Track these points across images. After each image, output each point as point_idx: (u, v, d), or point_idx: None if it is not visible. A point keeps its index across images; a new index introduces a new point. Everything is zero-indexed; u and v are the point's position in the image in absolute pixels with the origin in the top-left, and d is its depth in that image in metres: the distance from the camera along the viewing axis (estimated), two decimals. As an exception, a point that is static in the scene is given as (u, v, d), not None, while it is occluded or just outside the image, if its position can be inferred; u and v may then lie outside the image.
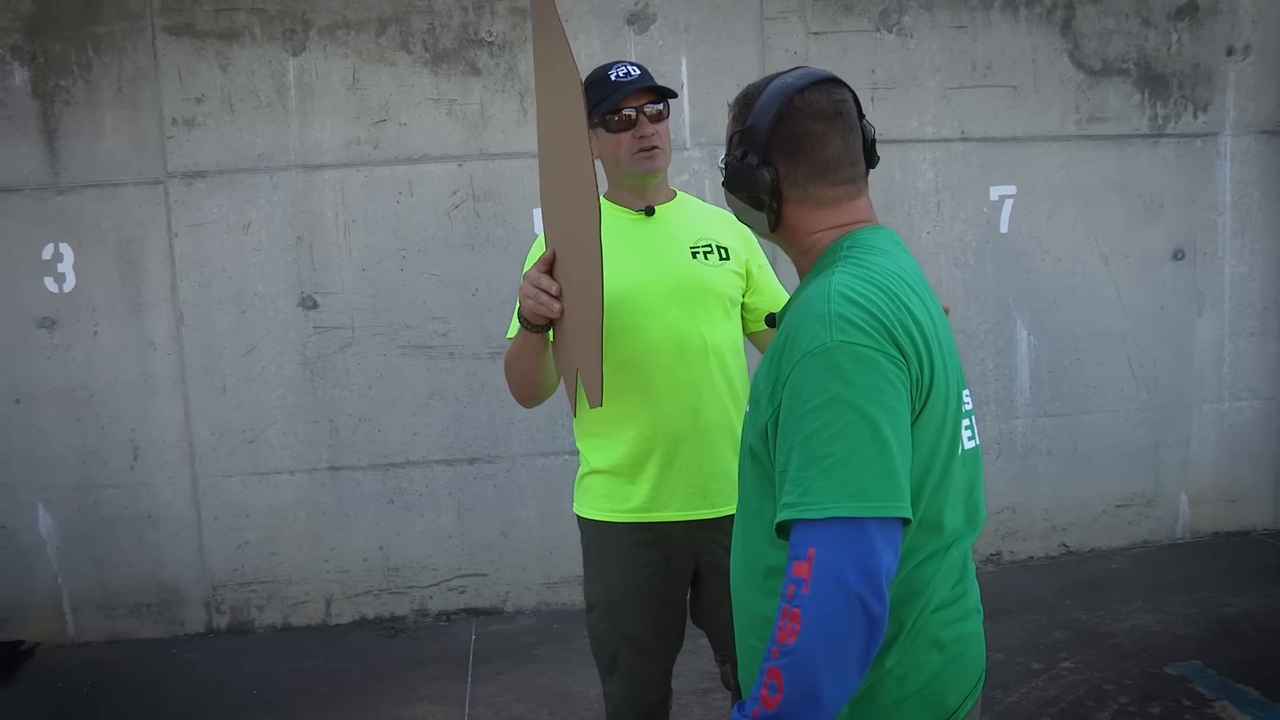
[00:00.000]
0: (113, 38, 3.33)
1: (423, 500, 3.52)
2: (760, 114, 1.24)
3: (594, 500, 1.97)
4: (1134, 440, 3.83)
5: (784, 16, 3.49)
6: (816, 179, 1.24)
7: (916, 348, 1.13)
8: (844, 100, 1.26)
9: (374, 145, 3.39)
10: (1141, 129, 3.73)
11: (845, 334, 1.09)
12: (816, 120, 1.22)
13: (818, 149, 1.23)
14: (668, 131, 1.95)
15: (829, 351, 1.08)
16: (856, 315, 1.10)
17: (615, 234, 1.95)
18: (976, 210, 3.65)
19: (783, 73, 1.27)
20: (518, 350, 1.86)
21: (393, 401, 3.46)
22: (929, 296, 1.24)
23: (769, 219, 1.27)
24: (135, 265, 3.40)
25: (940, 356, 1.17)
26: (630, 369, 1.90)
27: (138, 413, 3.44)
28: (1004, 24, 3.62)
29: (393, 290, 3.43)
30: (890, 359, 1.09)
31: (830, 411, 1.06)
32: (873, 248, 1.23)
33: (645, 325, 1.89)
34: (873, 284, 1.15)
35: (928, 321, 1.17)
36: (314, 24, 3.35)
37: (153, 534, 3.49)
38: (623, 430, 1.92)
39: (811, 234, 1.26)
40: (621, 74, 1.91)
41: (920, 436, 1.12)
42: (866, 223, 1.28)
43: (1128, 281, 3.77)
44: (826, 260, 1.24)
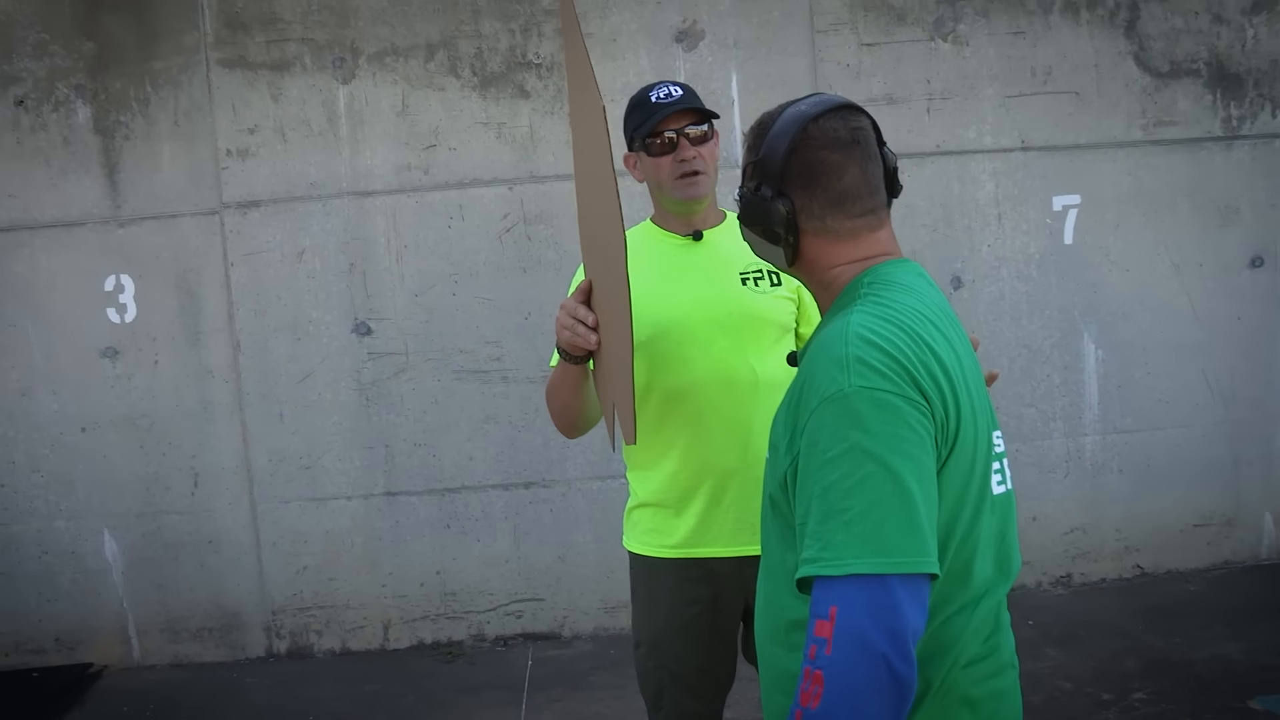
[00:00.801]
0: (169, 72, 3.39)
1: (479, 525, 3.51)
2: (773, 144, 1.18)
3: (641, 534, 1.93)
4: (1211, 457, 3.67)
5: (835, 29, 3.42)
6: (834, 211, 1.18)
7: (941, 390, 1.07)
8: (861, 128, 1.20)
9: (424, 170, 3.40)
10: (1214, 131, 3.58)
11: (863, 379, 1.04)
12: (832, 149, 1.17)
13: (834, 179, 1.17)
14: (713, 153, 1.89)
15: (847, 398, 1.03)
16: (875, 358, 1.05)
17: (661, 260, 1.90)
18: (1039, 221, 3.54)
19: (796, 100, 1.22)
20: (557, 381, 1.82)
21: (447, 426, 3.46)
22: (956, 333, 1.17)
23: (786, 253, 1.22)
24: (193, 295, 3.45)
25: (967, 397, 1.11)
26: (677, 401, 1.85)
27: (197, 440, 3.49)
28: (1064, 28, 3.51)
29: (445, 315, 3.43)
30: (912, 404, 1.04)
31: (849, 462, 1.01)
32: (894, 283, 1.17)
33: (692, 356, 1.84)
34: (893, 323, 1.10)
35: (953, 361, 1.11)
36: (363, 51, 3.37)
37: (214, 559, 3.53)
38: (669, 463, 1.87)
39: (831, 268, 1.21)
40: (662, 95, 1.85)
41: (947, 484, 1.07)
42: (888, 256, 1.22)
43: (1202, 291, 3.62)
44: (846, 297, 1.18)
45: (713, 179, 1.89)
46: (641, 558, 1.93)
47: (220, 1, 3.37)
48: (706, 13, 3.40)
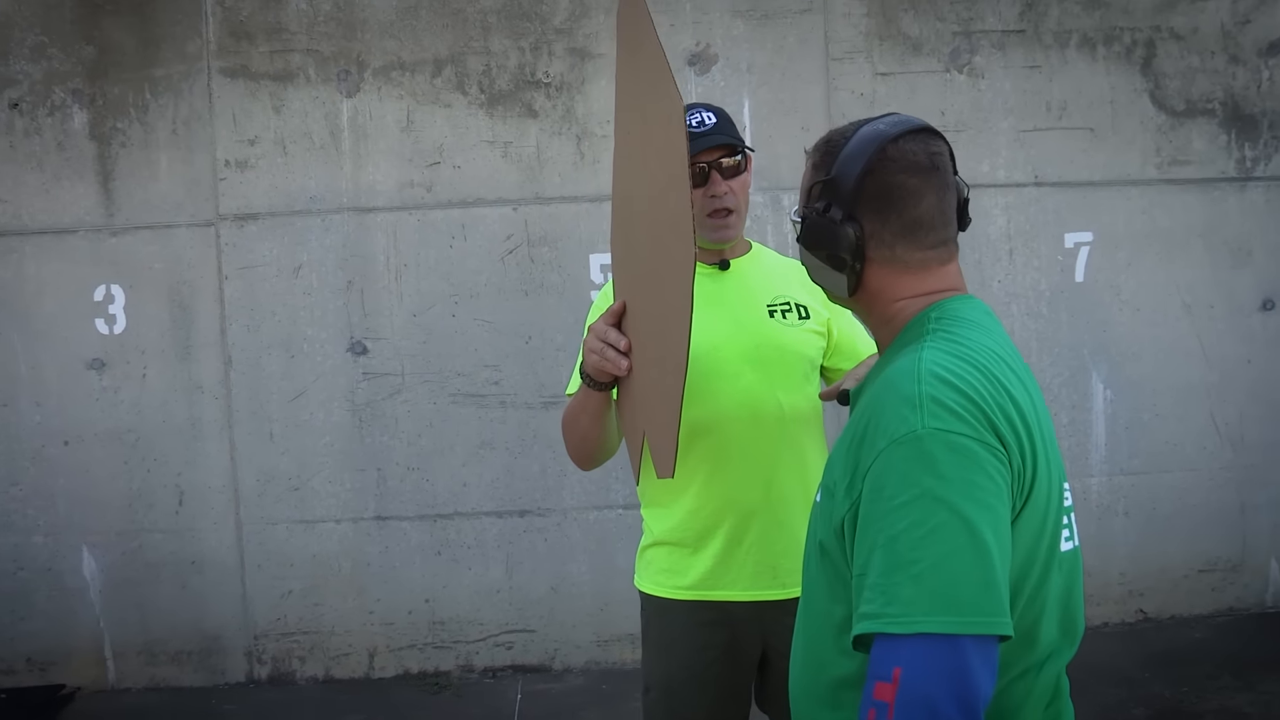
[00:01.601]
0: (170, 80, 3.31)
1: (471, 553, 3.42)
2: (847, 164, 1.11)
3: (655, 574, 1.85)
4: (1218, 501, 3.61)
5: (850, 57, 3.38)
6: (906, 239, 1.11)
7: (1018, 436, 1.00)
8: (940, 153, 1.13)
9: (427, 188, 3.32)
10: (1228, 172, 3.54)
11: (938, 420, 0.96)
12: (910, 174, 1.10)
13: (910, 206, 1.10)
14: (745, 187, 1.82)
15: (919, 440, 0.96)
16: (951, 398, 0.98)
17: None
18: (1051, 258, 3.49)
19: (873, 119, 1.15)
20: (578, 409, 1.73)
21: (442, 451, 3.37)
22: (1028, 377, 1.10)
23: (849, 281, 1.14)
24: (185, 308, 3.36)
25: (1043, 446, 1.03)
26: (700, 435, 1.77)
27: (184, 457, 3.39)
28: (1080, 64, 3.47)
29: (444, 337, 3.35)
30: (990, 449, 0.96)
31: (920, 509, 0.93)
32: (964, 320, 1.09)
33: (718, 389, 1.76)
34: (968, 362, 1.02)
35: (1029, 406, 1.04)
36: (369, 65, 3.30)
37: (196, 580, 3.42)
38: (688, 499, 1.79)
39: (896, 301, 1.14)
40: (694, 123, 1.76)
41: (1019, 538, 0.99)
42: (955, 291, 1.14)
43: (1213, 333, 3.57)
44: (912, 332, 1.10)
45: (744, 215, 1.82)
46: (654, 599, 1.84)
47: (225, 9, 3.30)
48: (720, 37, 3.35)
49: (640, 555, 1.89)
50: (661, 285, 1.47)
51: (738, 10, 3.34)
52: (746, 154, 1.81)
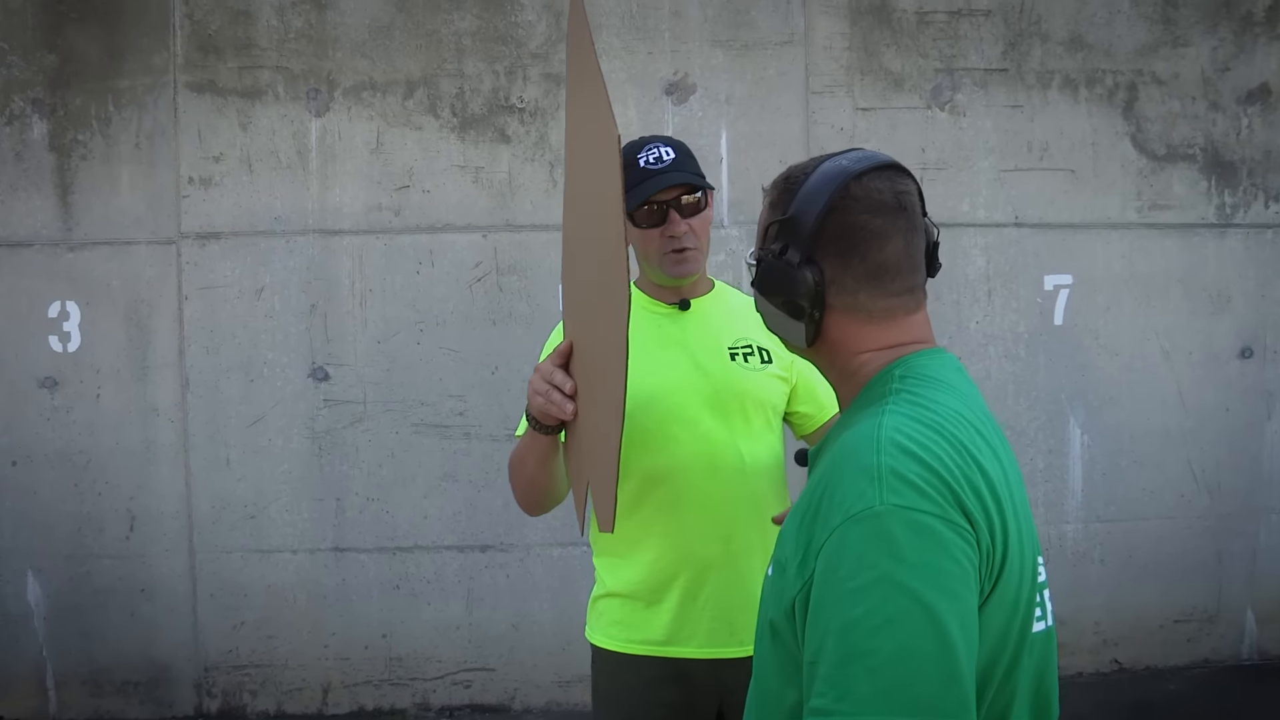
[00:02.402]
0: (134, 92, 3.22)
1: (430, 588, 3.32)
2: (807, 202, 1.03)
3: (607, 627, 1.76)
4: (1195, 550, 3.56)
5: (830, 91, 3.33)
6: (870, 286, 1.03)
7: (988, 513, 0.92)
8: (908, 193, 1.05)
9: (395, 212, 3.25)
10: (1208, 218, 3.51)
11: (899, 495, 0.89)
12: (875, 214, 1.02)
13: (874, 249, 1.02)
14: (706, 224, 1.74)
15: (878, 517, 0.88)
16: (914, 471, 0.90)
17: (644, 330, 1.75)
18: (1030, 300, 3.44)
19: (835, 154, 1.07)
20: (524, 452, 1.65)
21: (403, 482, 3.28)
22: (998, 441, 1.02)
23: (808, 331, 1.06)
24: (143, 327, 3.26)
25: (1015, 522, 0.95)
26: (656, 484, 1.69)
27: (137, 481, 3.28)
28: (1062, 104, 3.43)
29: (408, 365, 3.26)
30: (955, 529, 0.89)
31: (878, 595, 0.85)
32: (931, 379, 1.01)
33: (675, 435, 1.68)
34: (934, 429, 0.94)
35: (999, 477, 0.96)
36: (339, 84, 3.23)
37: (146, 608, 3.31)
38: (643, 551, 1.71)
39: (858, 354, 1.05)
40: (651, 159, 1.69)
41: (988, 625, 0.91)
42: (923, 344, 1.06)
43: (1191, 379, 3.53)
44: (874, 391, 1.02)
45: (705, 252, 1.75)
46: (606, 652, 1.76)
47: (194, 23, 3.22)
48: (699, 66, 3.29)
49: (592, 605, 1.81)
50: (602, 327, 1.39)
51: (717, 40, 3.29)
52: (707, 190, 1.74)
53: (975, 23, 3.38)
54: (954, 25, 3.38)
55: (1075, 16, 3.42)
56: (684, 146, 1.74)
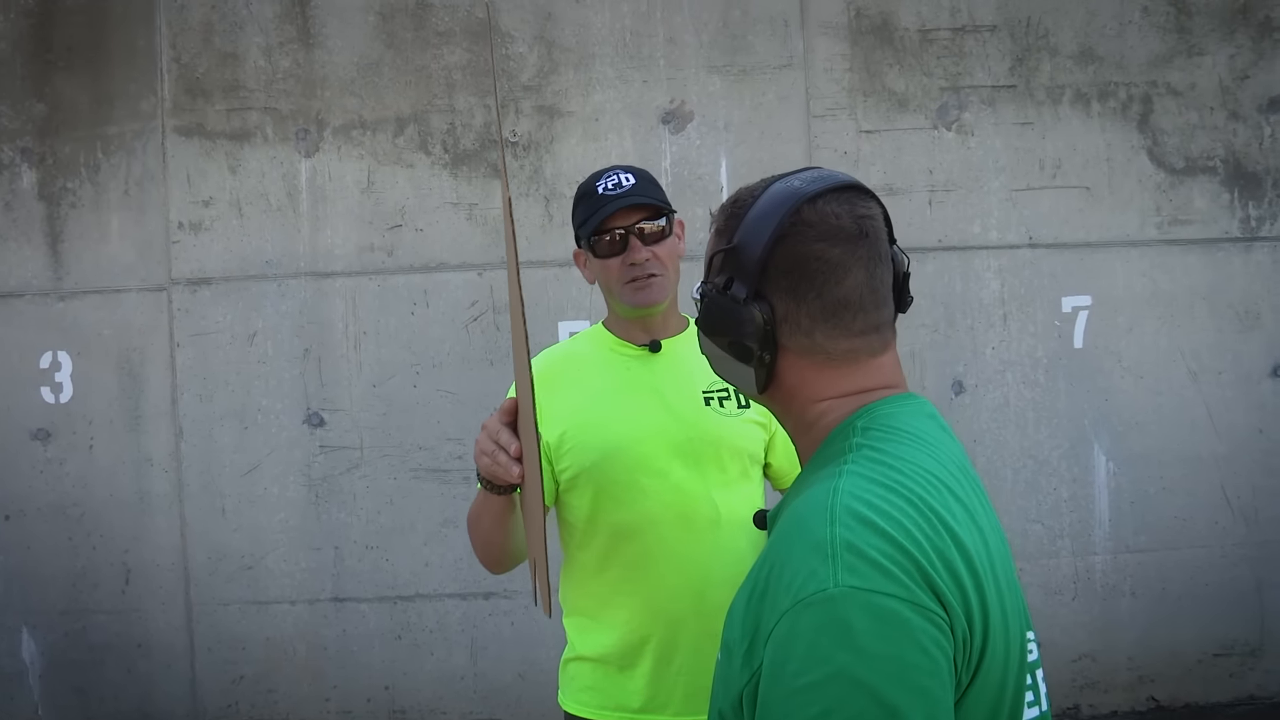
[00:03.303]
0: (123, 139, 3.18)
1: (433, 637, 3.21)
2: (753, 229, 0.91)
3: (578, 692, 1.66)
4: (1233, 580, 3.39)
5: (832, 114, 3.23)
6: (827, 324, 0.90)
7: (964, 592, 0.79)
8: (870, 216, 0.92)
9: (388, 252, 3.17)
10: (1232, 232, 3.37)
11: (856, 575, 0.77)
12: (832, 242, 0.90)
13: (831, 283, 0.90)
14: (672, 253, 1.63)
15: (832, 602, 0.76)
16: (873, 546, 0.78)
17: (612, 373, 1.66)
18: (1047, 323, 3.31)
19: (787, 174, 0.94)
20: (479, 510, 1.55)
21: (403, 529, 3.18)
22: (977, 503, 0.88)
23: (758, 376, 0.93)
24: (135, 376, 3.19)
25: (996, 596, 0.82)
26: (624, 539, 1.59)
27: (132, 533, 3.21)
28: (1074, 120, 3.32)
29: (405, 408, 3.17)
30: (924, 614, 0.76)
31: (833, 694, 0.74)
32: (897, 430, 0.88)
33: (644, 486, 1.58)
34: (898, 492, 0.82)
35: (978, 546, 0.83)
36: (328, 124, 3.16)
37: (143, 664, 3.22)
38: (613, 611, 1.61)
39: (815, 402, 0.92)
40: (610, 185, 1.60)
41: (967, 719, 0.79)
42: (891, 389, 0.93)
43: (1220, 401, 3.37)
44: (833, 447, 0.89)
45: (671, 281, 1.63)
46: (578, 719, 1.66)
47: (180, 66, 3.17)
48: (696, 93, 3.21)
49: (563, 668, 1.70)
50: (522, 400, 1.32)
51: (714, 66, 3.20)
52: (673, 218, 1.63)
53: (980, 39, 3.28)
54: (958, 42, 3.27)
55: (1085, 29, 3.31)
56: (646, 174, 1.65)
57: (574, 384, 1.65)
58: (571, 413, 1.63)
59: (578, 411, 1.63)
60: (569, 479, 1.63)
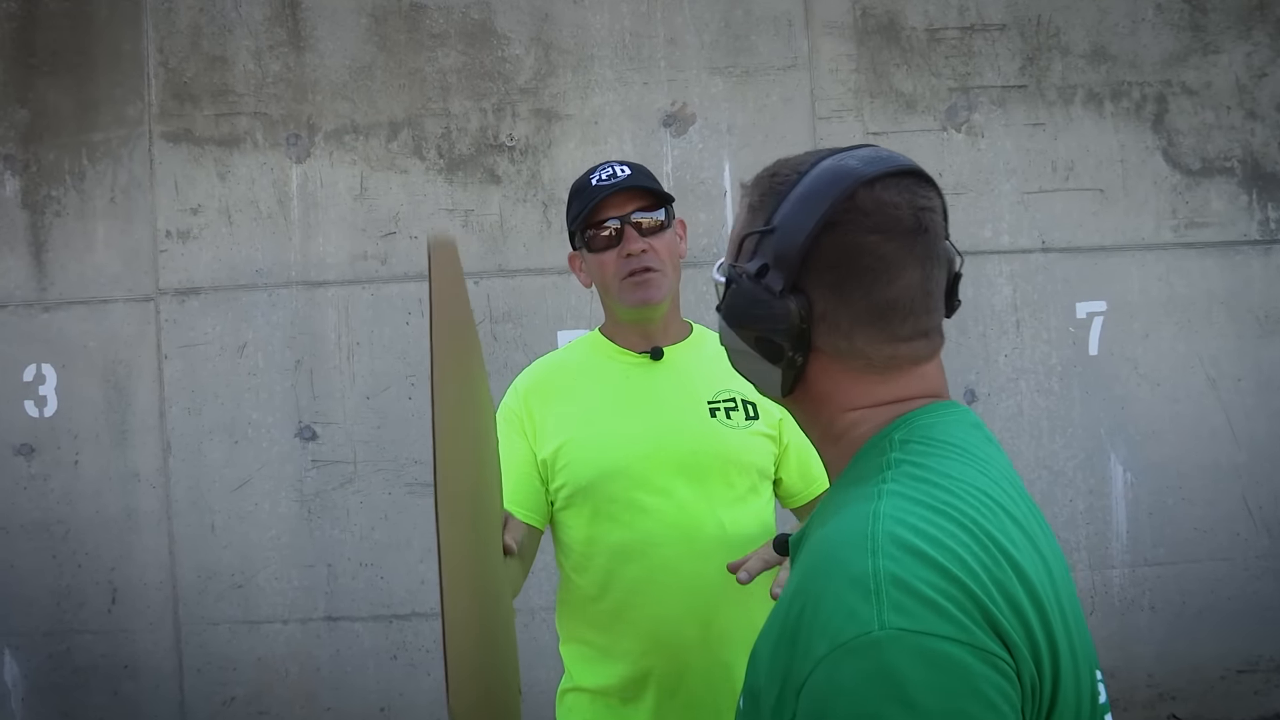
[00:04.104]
0: (108, 145, 3.09)
1: (429, 657, 3.11)
2: (798, 211, 0.79)
3: None
4: (1255, 594, 3.28)
5: (839, 116, 3.14)
6: (872, 328, 0.80)
7: (1029, 630, 0.68)
8: (931, 209, 0.81)
9: (381, 260, 3.08)
10: (1250, 234, 3.27)
11: (906, 615, 0.66)
12: (888, 235, 0.79)
13: (882, 281, 0.79)
14: (671, 248, 1.52)
15: (878, 648, 0.65)
16: (924, 579, 0.67)
17: (611, 384, 1.55)
18: (1061, 329, 3.21)
19: (836, 150, 0.82)
20: None
21: (398, 545, 3.09)
22: (1035, 524, 0.77)
23: (785, 378, 0.82)
24: (121, 389, 3.10)
25: (1065, 634, 0.72)
26: (624, 562, 1.49)
27: (118, 551, 3.11)
28: (1087, 120, 3.22)
29: (399, 421, 3.08)
30: (987, 659, 0.66)
31: None
32: (940, 443, 0.78)
33: (645, 505, 1.48)
34: (946, 514, 0.71)
35: (1040, 575, 0.72)
36: (320, 129, 3.08)
37: (129, 686, 3.12)
38: (614, 640, 1.51)
39: (848, 410, 0.82)
40: (605, 176, 1.51)
41: None
42: (932, 397, 0.82)
43: (1241, 408, 3.27)
44: (867, 462, 0.78)
45: (671, 278, 1.53)
46: None
47: (168, 70, 3.09)
48: (698, 95, 3.12)
49: (560, 699, 1.60)
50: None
51: (716, 67, 3.11)
52: (672, 211, 1.53)
53: (990, 38, 3.19)
54: (967, 41, 3.19)
55: (1096, 27, 3.22)
56: (644, 168, 1.55)
57: (569, 396, 1.56)
58: (567, 427, 1.54)
59: (574, 426, 1.53)
60: (565, 497, 1.54)
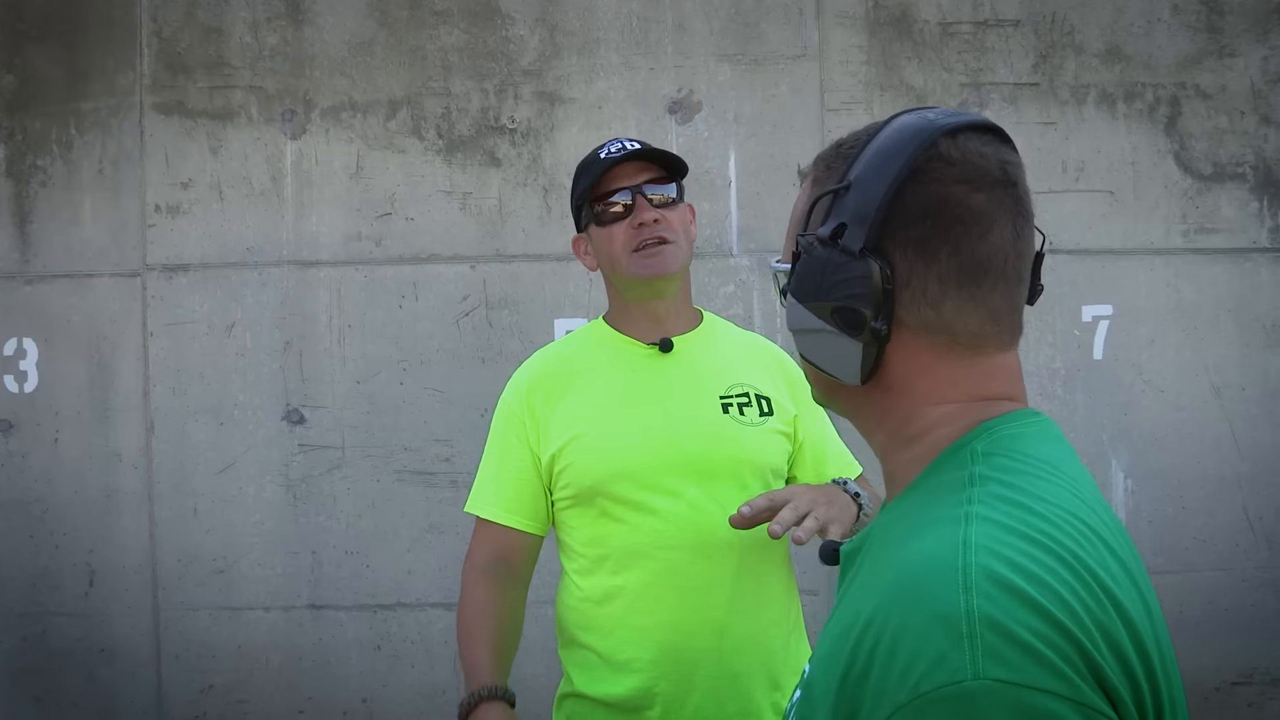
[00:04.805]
0: (98, 115, 3.01)
1: (415, 649, 3.05)
2: (875, 165, 0.72)
3: None
4: (1254, 605, 3.25)
5: (848, 108, 3.08)
6: (961, 292, 0.72)
7: (1134, 683, 0.61)
8: (1017, 164, 0.75)
9: (376, 241, 3.01)
10: (1260, 242, 3.23)
11: (1004, 665, 0.58)
12: (976, 184, 0.72)
13: (973, 236, 0.72)
14: (685, 221, 1.46)
15: (970, 700, 0.57)
16: (1025, 624, 0.59)
17: (619, 377, 1.49)
18: (1067, 333, 3.16)
19: (905, 111, 0.75)
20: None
21: (385, 534, 3.02)
22: (1128, 552, 0.69)
23: (866, 355, 0.72)
24: (105, 366, 3.02)
25: (1166, 681, 0.64)
26: (630, 566, 1.43)
27: (97, 532, 3.04)
28: (1099, 121, 3.17)
29: (390, 407, 3.01)
30: (1092, 717, 0.58)
31: None
32: (1028, 457, 0.70)
33: (653, 507, 1.42)
34: (1044, 546, 0.63)
35: (1141, 616, 0.64)
36: (316, 105, 3.00)
37: (105, 671, 3.06)
38: (619, 648, 1.44)
39: (930, 405, 0.73)
40: (614, 149, 1.47)
41: None
42: (1012, 402, 0.74)
43: (1244, 418, 3.23)
44: (946, 476, 0.70)
45: (686, 252, 1.46)
46: None
47: (162, 40, 3.01)
48: (705, 83, 3.05)
49: (557, 705, 1.54)
50: None
51: (724, 54, 3.05)
52: (682, 188, 1.47)
53: (1003, 34, 3.14)
54: (980, 37, 3.13)
55: (1111, 26, 3.17)
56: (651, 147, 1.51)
57: (573, 392, 1.49)
58: (571, 426, 1.47)
59: (578, 424, 1.47)
60: (569, 498, 1.48)
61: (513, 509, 1.55)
